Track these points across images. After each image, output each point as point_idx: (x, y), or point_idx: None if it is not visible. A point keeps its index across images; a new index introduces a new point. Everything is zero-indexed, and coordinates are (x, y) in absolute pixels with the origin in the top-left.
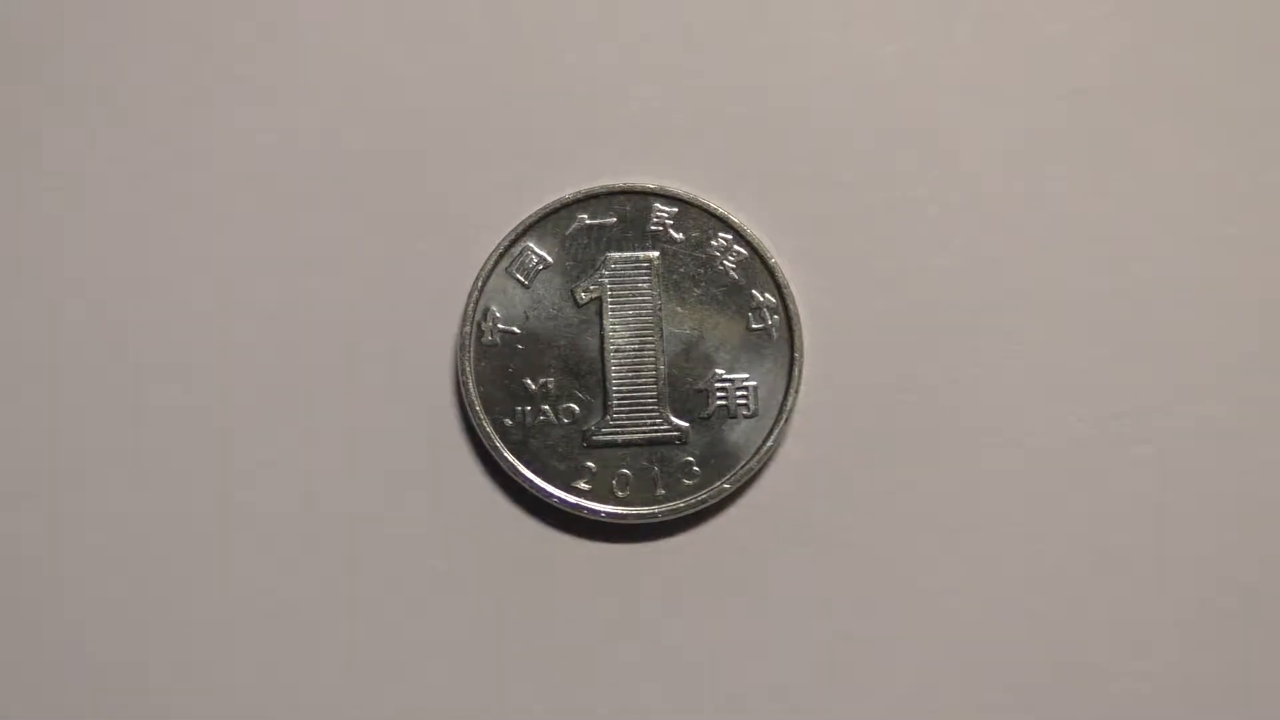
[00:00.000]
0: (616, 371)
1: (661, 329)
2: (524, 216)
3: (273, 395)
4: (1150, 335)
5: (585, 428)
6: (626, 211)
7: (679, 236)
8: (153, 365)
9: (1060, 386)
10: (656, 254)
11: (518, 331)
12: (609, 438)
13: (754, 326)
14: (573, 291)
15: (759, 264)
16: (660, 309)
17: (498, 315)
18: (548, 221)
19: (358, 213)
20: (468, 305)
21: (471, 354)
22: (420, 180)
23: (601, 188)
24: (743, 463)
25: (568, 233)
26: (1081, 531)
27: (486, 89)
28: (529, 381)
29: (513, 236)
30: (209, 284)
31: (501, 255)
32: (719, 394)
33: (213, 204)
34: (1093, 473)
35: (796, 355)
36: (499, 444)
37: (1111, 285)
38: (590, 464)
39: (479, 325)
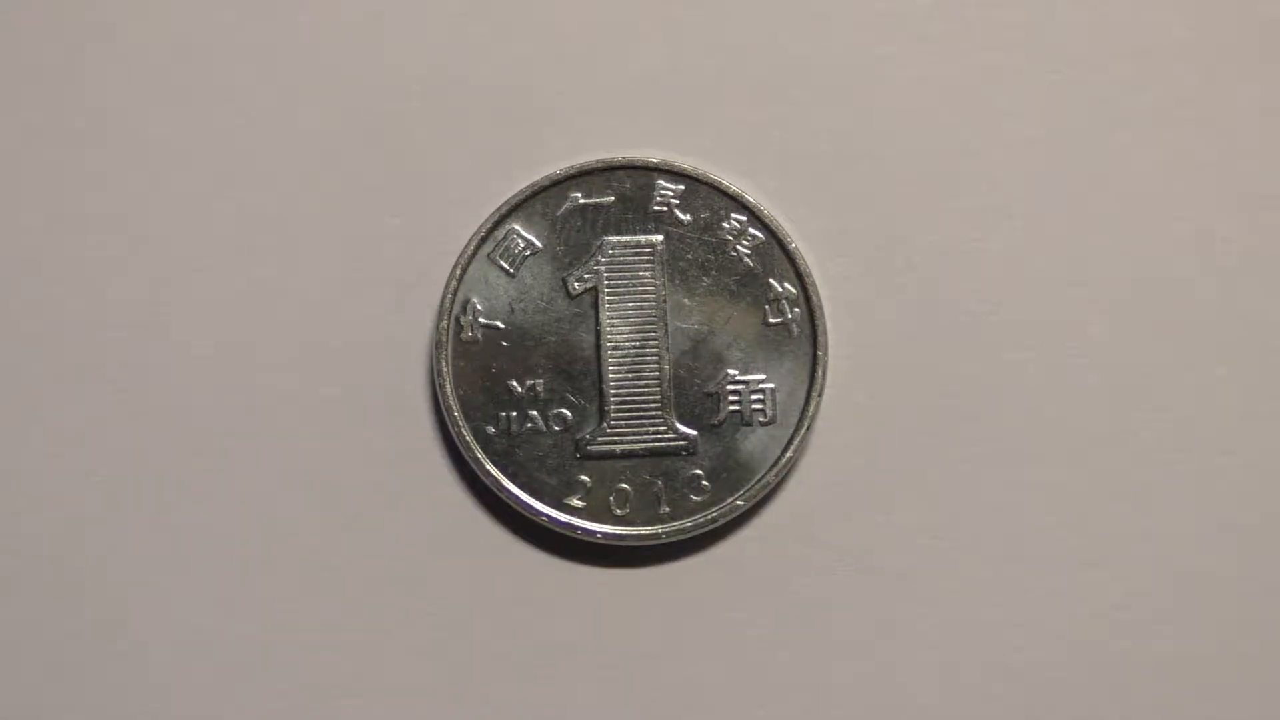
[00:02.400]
0: (615, 372)
1: (666, 324)
2: (509, 195)
3: (216, 400)
4: (1233, 330)
5: (579, 436)
6: (626, 189)
7: (686, 218)
8: (77, 366)
9: (1130, 390)
10: (660, 238)
11: (501, 326)
12: (606, 448)
13: (772, 321)
14: (565, 281)
15: (778, 249)
16: (664, 301)
17: (479, 308)
18: (536, 200)
19: (315, 189)
20: (444, 296)
21: (448, 352)
22: (388, 152)
23: (598, 162)
24: (759, 477)
25: (559, 213)
26: (1154, 557)
27: (465, 46)
28: (514, 384)
29: (496, 218)
30: (138, 270)
31: (483, 239)
32: (732, 398)
33: (140, 175)
34: (1166, 489)
35: (820, 354)
36: (480, 455)
37: (1188, 273)
38: (584, 478)
39: (457, 319)
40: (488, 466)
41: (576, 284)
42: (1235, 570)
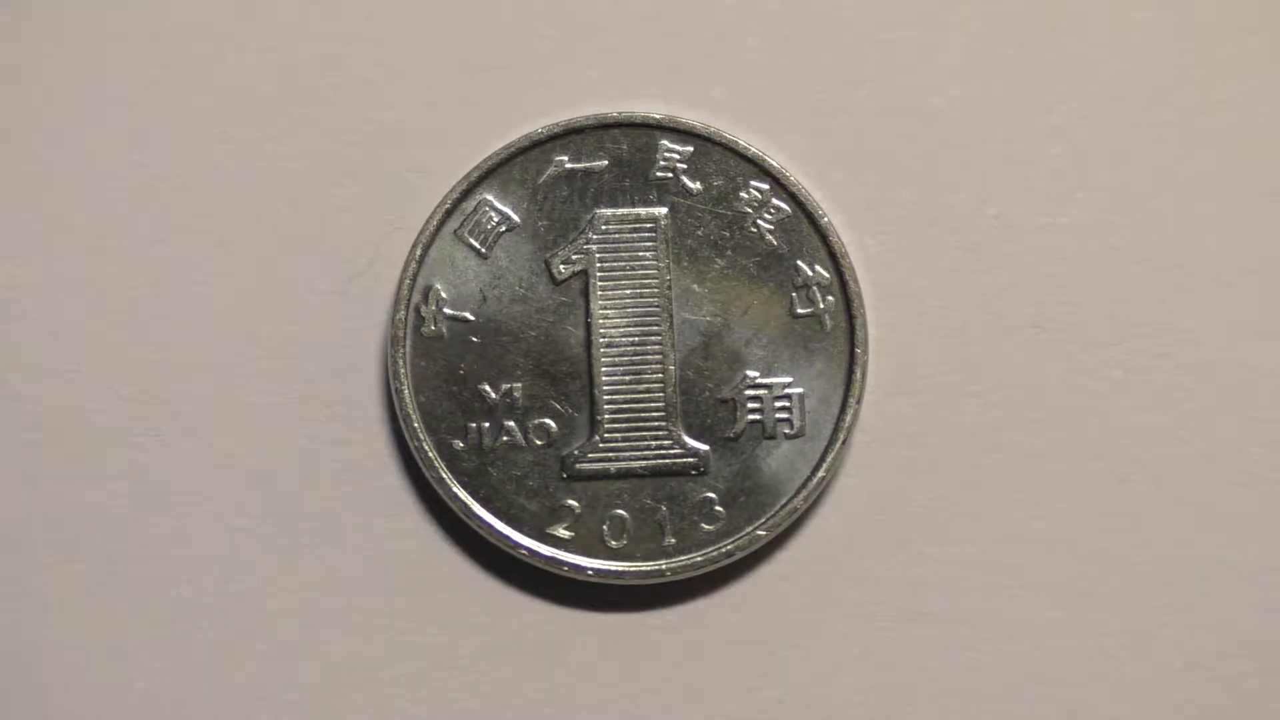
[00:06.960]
0: (609, 374)
1: (671, 315)
2: (480, 159)
3: (126, 408)
4: None
5: (566, 452)
6: (623, 151)
7: (695, 186)
8: None
9: (1229, 396)
10: (664, 211)
11: (471, 319)
12: (598, 466)
13: (800, 311)
14: (548, 263)
15: (806, 225)
16: (669, 287)
17: (444, 296)
18: (513, 166)
19: (245, 151)
20: (401, 282)
21: (407, 350)
22: (335, 106)
23: (588, 119)
24: (784, 501)
25: (541, 181)
26: (1260, 601)
27: None
28: (487, 388)
29: (465, 186)
30: (33, 250)
31: (449, 212)
32: (751, 405)
33: (34, 135)
34: (1275, 517)
35: (858, 351)
36: (446, 475)
37: None
38: (572, 502)
39: (417, 310)
40: (454, 489)
41: (562, 267)
42: None
